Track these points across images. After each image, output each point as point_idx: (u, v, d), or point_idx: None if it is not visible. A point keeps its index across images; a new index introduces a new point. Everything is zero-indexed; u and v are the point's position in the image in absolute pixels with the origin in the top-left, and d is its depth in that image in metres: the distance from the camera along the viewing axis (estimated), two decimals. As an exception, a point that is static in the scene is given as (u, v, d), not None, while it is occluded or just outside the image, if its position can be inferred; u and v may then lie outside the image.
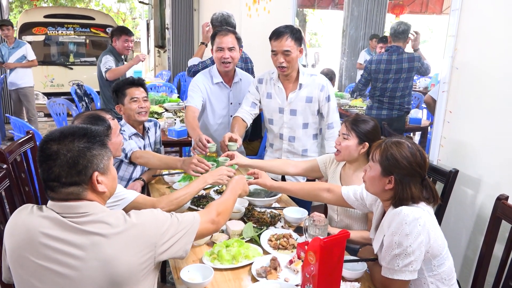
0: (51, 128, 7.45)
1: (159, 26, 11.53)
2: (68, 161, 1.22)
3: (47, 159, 1.23)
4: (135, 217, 1.28)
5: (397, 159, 1.55)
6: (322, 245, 1.36)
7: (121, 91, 2.65)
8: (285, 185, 2.15)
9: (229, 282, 1.61)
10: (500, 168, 2.07)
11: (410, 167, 1.54)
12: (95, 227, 1.20)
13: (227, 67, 2.79)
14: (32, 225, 1.22)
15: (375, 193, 1.67)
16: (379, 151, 1.60)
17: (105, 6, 19.88)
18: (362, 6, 4.49)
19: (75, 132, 1.27)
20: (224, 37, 2.73)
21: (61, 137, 1.25)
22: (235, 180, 1.87)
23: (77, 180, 1.24)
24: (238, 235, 1.92)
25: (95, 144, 1.28)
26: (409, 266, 1.48)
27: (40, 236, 1.20)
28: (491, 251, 1.85)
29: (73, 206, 1.23)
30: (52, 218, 1.22)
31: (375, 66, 3.69)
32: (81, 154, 1.24)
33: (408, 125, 3.90)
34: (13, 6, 16.62)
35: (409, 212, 1.49)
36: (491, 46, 2.07)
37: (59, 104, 5.08)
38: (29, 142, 2.55)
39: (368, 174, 1.65)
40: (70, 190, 1.24)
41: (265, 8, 4.79)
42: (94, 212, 1.23)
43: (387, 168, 1.57)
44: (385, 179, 1.58)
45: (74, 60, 8.28)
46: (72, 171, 1.23)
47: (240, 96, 2.89)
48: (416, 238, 1.46)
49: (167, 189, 2.54)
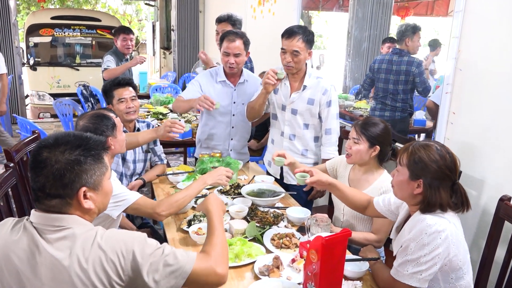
0: (57, 129, 7.51)
1: (165, 27, 11.58)
2: (54, 172, 1.16)
3: (35, 166, 1.18)
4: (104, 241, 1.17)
5: (425, 162, 1.51)
6: (324, 244, 1.37)
7: (109, 92, 2.69)
8: (339, 184, 1.99)
9: (232, 280, 1.62)
10: (504, 169, 2.06)
11: (439, 170, 1.49)
12: (62, 246, 1.14)
13: (233, 70, 2.84)
14: (8, 243, 1.18)
15: (404, 198, 1.63)
16: (406, 155, 1.56)
17: (111, 8, 19.98)
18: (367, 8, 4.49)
19: (69, 142, 1.21)
20: (231, 43, 2.75)
21: (54, 145, 1.19)
22: (215, 204, 1.62)
23: (61, 193, 1.18)
24: (241, 234, 1.94)
25: (88, 158, 1.21)
26: (418, 274, 1.47)
27: (13, 255, 1.16)
28: (494, 253, 1.85)
29: (52, 218, 1.18)
30: (28, 237, 1.17)
31: (377, 66, 3.70)
32: (69, 167, 1.17)
33: (412, 126, 3.89)
34: (21, 8, 16.75)
35: (433, 223, 1.45)
36: (495, 48, 2.08)
37: (65, 104, 5.12)
38: (35, 142, 2.58)
39: (396, 179, 1.61)
40: (52, 203, 1.18)
41: (270, 10, 4.81)
42: (71, 227, 1.17)
43: (415, 172, 1.53)
44: (413, 183, 1.54)
45: (80, 61, 8.33)
46: (57, 183, 1.17)
47: (245, 97, 2.91)
48: (433, 250, 1.44)
49: (171, 188, 2.56)
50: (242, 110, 2.90)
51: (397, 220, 1.77)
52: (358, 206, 1.97)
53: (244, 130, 3.06)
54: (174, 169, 2.82)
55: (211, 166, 2.68)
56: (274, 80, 2.45)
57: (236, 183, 2.58)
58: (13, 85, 7.33)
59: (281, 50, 2.50)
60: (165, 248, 1.23)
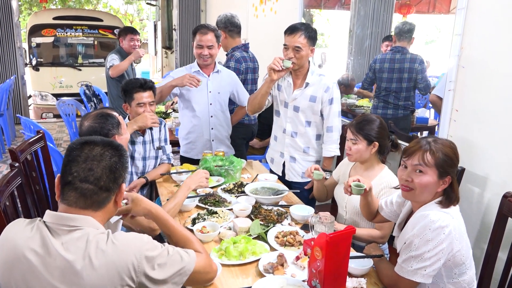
0: (60, 128, 7.53)
1: (166, 27, 11.60)
2: (110, 165, 1.24)
3: (91, 159, 1.23)
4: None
5: (451, 157, 1.52)
6: (328, 241, 1.38)
7: (130, 93, 2.65)
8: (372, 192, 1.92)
9: (236, 278, 1.63)
10: (507, 166, 2.07)
11: (457, 162, 1.55)
12: (75, 248, 1.16)
13: (206, 61, 2.99)
14: (20, 242, 1.19)
15: (427, 199, 1.57)
16: (429, 154, 1.51)
17: (113, 7, 20.01)
18: (368, 6, 4.49)
19: (105, 141, 1.29)
20: (204, 36, 2.94)
21: (98, 143, 1.27)
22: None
23: (111, 187, 1.26)
24: (245, 232, 1.94)
25: (121, 157, 1.30)
26: (422, 270, 1.48)
27: (26, 253, 1.17)
28: (497, 250, 1.85)
29: (67, 217, 1.20)
30: (41, 236, 1.19)
31: (379, 65, 3.70)
32: (119, 162, 1.27)
33: (414, 124, 3.89)
34: (23, 9, 16.80)
35: (436, 219, 1.46)
36: (497, 45, 2.08)
37: (68, 104, 5.14)
38: (40, 142, 2.59)
39: (422, 181, 1.53)
40: (101, 197, 1.24)
41: (272, 8, 4.82)
42: (84, 228, 1.20)
43: (445, 169, 1.51)
44: (440, 182, 1.53)
45: (82, 61, 8.35)
46: (111, 176, 1.25)
47: (219, 86, 3.06)
48: (436, 246, 1.45)
49: (175, 187, 2.57)
50: (219, 99, 3.08)
51: (399, 217, 1.77)
52: (373, 213, 1.96)
53: (224, 120, 3.17)
54: (178, 168, 2.83)
55: (215, 165, 2.69)
56: (279, 66, 2.44)
57: (239, 182, 2.58)
58: (15, 86, 7.36)
59: (283, 47, 2.51)
60: (169, 249, 1.29)
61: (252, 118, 3.55)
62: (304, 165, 2.66)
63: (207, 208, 2.20)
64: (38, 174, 2.47)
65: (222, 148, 3.06)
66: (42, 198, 2.44)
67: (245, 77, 3.42)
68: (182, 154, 3.23)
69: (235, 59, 3.34)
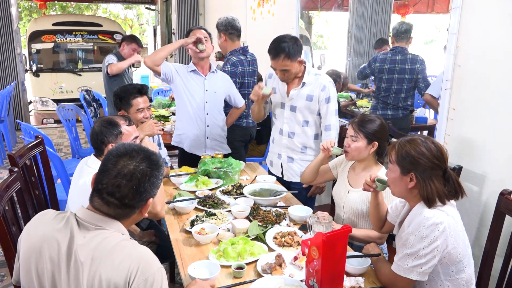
0: (61, 134, 7.55)
1: (166, 31, 11.62)
2: (136, 185, 1.25)
3: (120, 176, 1.24)
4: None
5: (412, 156, 1.56)
6: (325, 240, 1.38)
7: (127, 100, 2.62)
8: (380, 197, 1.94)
9: (235, 279, 1.63)
10: (504, 164, 2.07)
11: (427, 161, 1.54)
12: (91, 250, 1.20)
13: (202, 53, 3.03)
14: (51, 230, 1.25)
15: (401, 194, 1.66)
16: (394, 152, 1.62)
17: (112, 13, 20.09)
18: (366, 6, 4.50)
19: (139, 154, 1.30)
20: (196, 31, 3.09)
21: (129, 155, 1.28)
22: None
23: (136, 205, 1.29)
24: (244, 233, 1.95)
25: (155, 171, 1.32)
26: (418, 267, 1.49)
27: (54, 242, 1.22)
28: (496, 247, 1.85)
29: (99, 218, 1.26)
30: (68, 230, 1.24)
31: (379, 66, 3.70)
32: (148, 182, 1.28)
33: (413, 124, 3.89)
34: (23, 15, 16.89)
35: (430, 216, 1.48)
36: (493, 43, 2.08)
37: (68, 109, 5.15)
38: (38, 147, 2.60)
39: (389, 176, 1.67)
40: (120, 212, 1.27)
41: (270, 11, 4.83)
42: (109, 230, 1.25)
43: (405, 166, 1.57)
44: (406, 178, 1.58)
45: (82, 67, 8.38)
46: (137, 196, 1.27)
47: (216, 86, 3.12)
48: (431, 242, 1.46)
49: (174, 190, 2.57)
50: (215, 98, 3.12)
51: (400, 216, 1.78)
52: (382, 217, 1.94)
53: (219, 120, 3.20)
54: (177, 171, 2.84)
55: (213, 167, 2.70)
56: (259, 96, 2.57)
57: (238, 183, 2.59)
58: (16, 92, 7.38)
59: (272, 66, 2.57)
60: None
61: (250, 120, 3.56)
62: (302, 165, 2.67)
63: (206, 210, 2.21)
64: (37, 178, 2.48)
65: (218, 147, 3.13)
66: (42, 203, 2.45)
67: (243, 80, 3.43)
68: (173, 143, 3.27)
69: (231, 62, 3.36)
